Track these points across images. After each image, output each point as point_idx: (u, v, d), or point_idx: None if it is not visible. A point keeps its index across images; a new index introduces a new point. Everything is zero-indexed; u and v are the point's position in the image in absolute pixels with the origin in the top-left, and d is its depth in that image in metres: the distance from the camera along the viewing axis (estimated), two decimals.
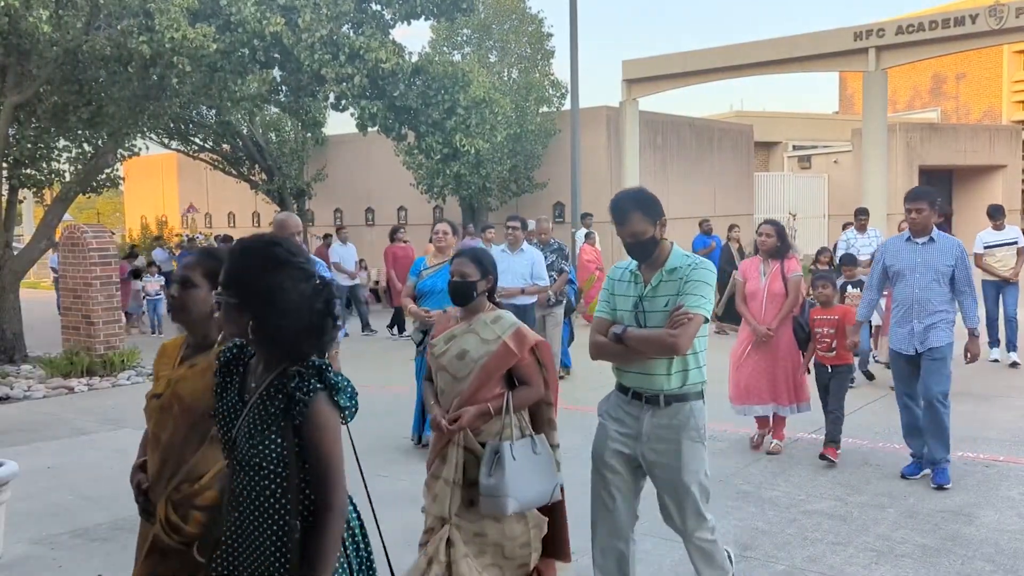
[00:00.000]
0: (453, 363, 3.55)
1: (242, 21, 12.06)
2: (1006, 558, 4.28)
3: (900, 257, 5.42)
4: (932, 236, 5.32)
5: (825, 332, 5.98)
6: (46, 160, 11.57)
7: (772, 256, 6.21)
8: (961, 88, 32.31)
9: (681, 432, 3.34)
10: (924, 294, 5.29)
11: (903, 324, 5.40)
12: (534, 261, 7.81)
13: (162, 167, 25.71)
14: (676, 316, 3.23)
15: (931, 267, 5.28)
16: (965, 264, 5.29)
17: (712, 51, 17.65)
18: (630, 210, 3.33)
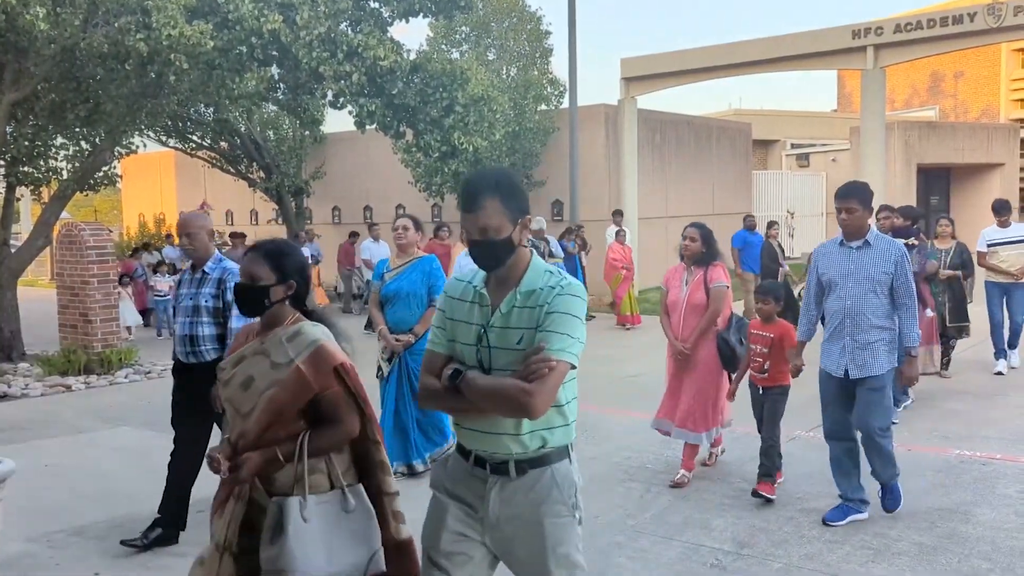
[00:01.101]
0: (237, 394, 2.79)
1: (240, 19, 12.04)
2: (1003, 556, 4.29)
3: (832, 264, 4.75)
4: (868, 239, 4.65)
5: (758, 350, 5.30)
6: (43, 158, 11.56)
7: (696, 263, 5.56)
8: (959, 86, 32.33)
9: (542, 508, 2.49)
10: (857, 306, 4.61)
11: (834, 340, 4.72)
12: None
13: (160, 165, 25.68)
14: (533, 363, 2.35)
15: (865, 275, 4.60)
16: (906, 271, 4.61)
17: (710, 49, 17.64)
18: (483, 194, 2.43)
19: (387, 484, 2.90)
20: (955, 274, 8.36)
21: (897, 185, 20.89)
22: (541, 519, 2.48)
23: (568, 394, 2.57)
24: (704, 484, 5.52)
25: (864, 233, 4.65)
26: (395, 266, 5.85)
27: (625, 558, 4.38)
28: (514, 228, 2.47)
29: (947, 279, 8.36)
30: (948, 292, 8.38)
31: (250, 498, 2.78)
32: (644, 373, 9.43)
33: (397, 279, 5.76)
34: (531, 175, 17.28)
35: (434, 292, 5.61)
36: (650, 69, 18.16)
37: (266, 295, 2.81)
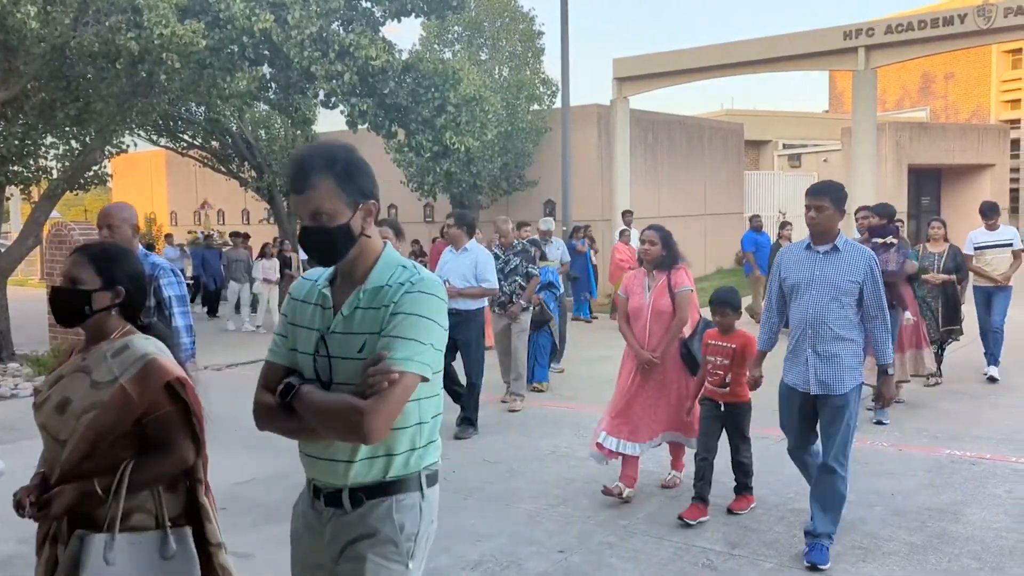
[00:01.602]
0: (52, 419, 2.40)
1: (231, 18, 12.00)
2: (992, 555, 4.31)
3: (796, 269, 4.36)
4: (837, 244, 4.26)
5: (718, 362, 4.92)
6: (33, 157, 11.50)
7: (658, 267, 5.29)
8: (950, 87, 32.47)
9: (365, 544, 2.09)
10: (820, 315, 4.23)
11: (796, 353, 4.33)
12: (477, 261, 7.02)
13: (151, 164, 25.59)
14: (371, 376, 1.97)
15: (830, 282, 4.22)
16: (876, 281, 4.21)
17: (703, 50, 17.68)
18: (313, 172, 2.08)
19: (210, 532, 2.46)
20: (949, 279, 8.17)
21: (888, 185, 20.96)
22: (364, 556, 2.08)
23: (426, 412, 2.15)
24: None
25: (833, 236, 4.28)
26: None
27: (617, 558, 4.38)
28: (353, 214, 2.09)
29: (941, 284, 8.16)
30: (942, 296, 8.21)
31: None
32: None
33: None
34: (523, 175, 17.28)
35: None
36: (642, 69, 18.19)
37: (87, 301, 2.41)
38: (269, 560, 4.28)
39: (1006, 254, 8.65)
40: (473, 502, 5.27)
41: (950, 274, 8.21)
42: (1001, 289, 8.64)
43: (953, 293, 8.31)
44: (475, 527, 4.83)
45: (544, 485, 5.58)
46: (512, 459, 6.20)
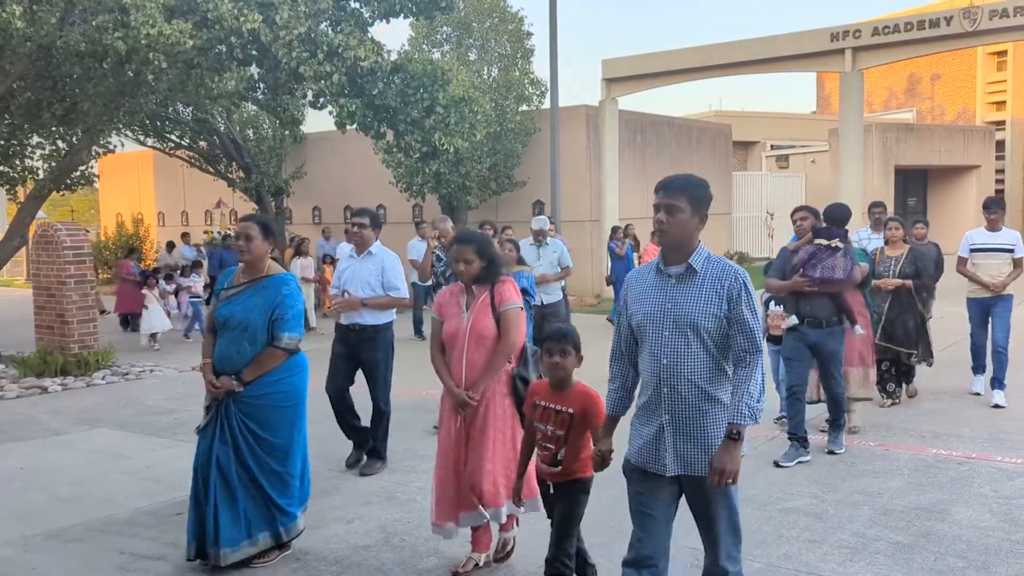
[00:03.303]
0: None
1: (219, 18, 11.96)
2: (978, 554, 4.34)
3: (642, 300, 3.16)
4: (692, 263, 3.08)
5: (548, 433, 3.63)
6: (19, 157, 11.44)
7: (478, 283, 4.28)
8: (936, 89, 32.68)
9: None
10: (676, 366, 3.06)
11: (646, 418, 3.16)
12: (384, 266, 5.88)
13: (138, 164, 25.46)
14: None
15: (686, 318, 3.05)
16: (744, 309, 3.03)
17: (691, 51, 17.74)
18: None
19: None
20: (903, 283, 7.25)
21: (875, 186, 21.08)
22: None
23: None
24: None
25: (688, 252, 3.08)
26: (239, 283, 4.47)
27: (606, 559, 4.39)
28: None
29: (894, 289, 7.28)
30: (898, 307, 7.33)
31: None
32: None
33: (231, 302, 4.39)
34: (512, 176, 17.29)
35: (279, 325, 4.29)
36: (631, 70, 18.24)
37: None
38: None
39: (1005, 260, 7.53)
40: None
41: (907, 279, 7.28)
42: (1000, 300, 7.52)
43: (912, 303, 7.37)
44: (466, 529, 4.83)
45: None
46: None
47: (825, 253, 5.88)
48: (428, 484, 5.58)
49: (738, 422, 3.01)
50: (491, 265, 4.30)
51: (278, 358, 4.31)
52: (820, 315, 5.94)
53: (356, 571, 4.30)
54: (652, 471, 3.15)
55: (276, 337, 4.29)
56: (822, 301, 5.93)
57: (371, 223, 5.96)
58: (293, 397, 4.40)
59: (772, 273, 6.28)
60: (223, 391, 4.25)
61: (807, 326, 5.97)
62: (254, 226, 4.42)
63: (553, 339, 3.65)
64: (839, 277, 5.85)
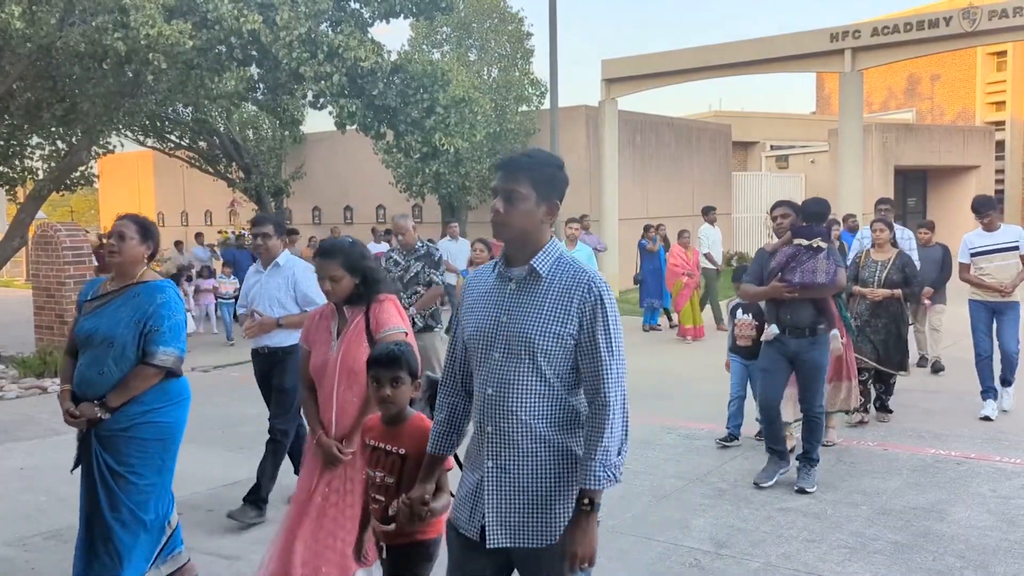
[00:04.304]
0: None
1: (219, 18, 11.96)
2: (976, 554, 4.35)
3: (474, 309, 2.49)
4: (536, 265, 2.38)
5: (379, 479, 2.88)
6: (19, 157, 11.45)
7: (350, 304, 3.55)
8: (936, 89, 32.69)
9: None
10: (504, 399, 2.37)
11: (470, 467, 2.49)
12: (296, 278, 5.03)
13: (138, 165, 25.48)
14: None
15: (521, 336, 2.35)
16: (604, 329, 2.33)
17: (691, 51, 17.74)
18: None
19: None
20: (891, 293, 6.67)
21: (874, 186, 21.09)
22: None
23: None
24: (683, 484, 5.55)
25: (533, 249, 2.39)
26: (103, 293, 3.78)
27: (605, 558, 4.39)
28: None
29: (883, 301, 6.68)
30: (886, 316, 6.73)
31: None
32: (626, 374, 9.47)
33: (95, 315, 3.71)
34: None
35: (152, 339, 3.59)
36: (631, 71, 18.25)
37: None
38: (254, 562, 4.28)
39: (1011, 260, 6.88)
40: None
41: (894, 288, 6.67)
42: (1008, 306, 6.92)
43: (900, 312, 6.76)
44: None
45: None
46: None
47: (806, 255, 5.26)
48: None
49: (590, 487, 2.28)
50: (366, 282, 3.50)
51: (150, 378, 3.60)
52: (802, 323, 5.31)
53: None
54: (468, 535, 2.42)
55: (148, 353, 3.59)
56: (804, 307, 5.31)
57: (276, 231, 5.13)
58: (165, 432, 3.69)
59: (747, 278, 5.65)
60: (83, 421, 3.59)
61: (788, 335, 5.37)
62: (130, 224, 3.77)
63: (381, 364, 2.87)
64: (821, 281, 5.22)
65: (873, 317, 6.73)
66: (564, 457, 2.37)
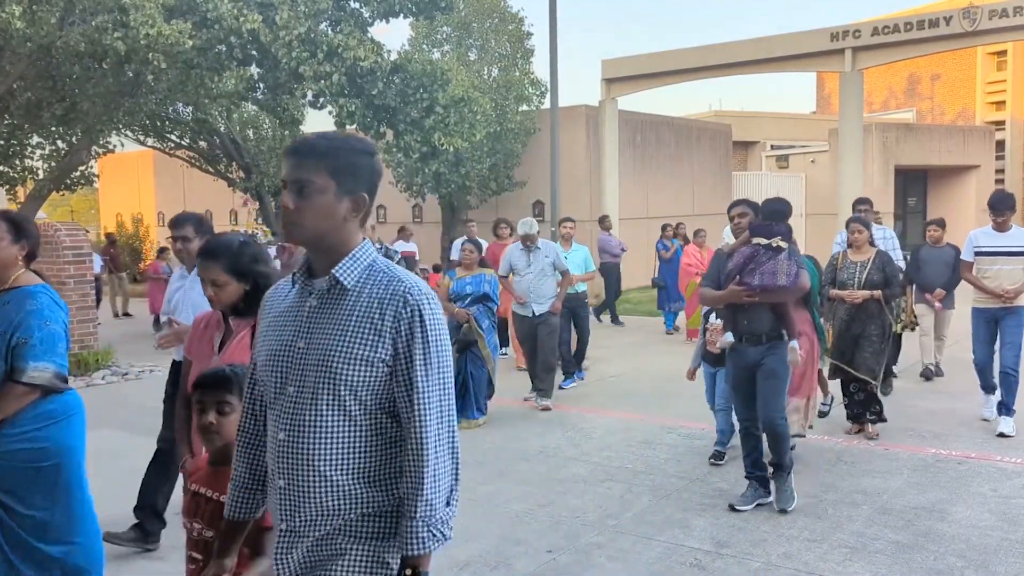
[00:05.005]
0: None
1: (219, 18, 11.96)
2: (977, 554, 4.34)
3: (269, 330, 2.06)
4: (339, 275, 1.95)
5: (196, 533, 2.49)
6: (19, 157, 11.45)
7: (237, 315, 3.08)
8: (936, 89, 32.68)
9: None
10: (299, 443, 1.92)
11: (274, 524, 2.09)
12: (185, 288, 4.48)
13: (138, 165, 25.48)
14: None
15: (318, 366, 1.91)
16: (424, 353, 1.92)
17: (691, 51, 17.74)
18: None
19: None
20: (871, 295, 6.25)
21: (875, 186, 21.08)
22: None
23: None
24: (684, 484, 5.55)
25: (336, 255, 1.97)
26: None
27: (605, 558, 4.39)
28: None
29: (860, 303, 6.25)
30: (865, 319, 6.28)
31: None
32: (625, 373, 9.47)
33: None
34: (512, 175, 17.29)
35: (19, 353, 3.16)
36: (631, 70, 18.25)
37: None
38: None
39: (1018, 266, 6.41)
40: (462, 503, 5.23)
41: (875, 289, 6.25)
42: (1010, 313, 6.43)
43: (877, 316, 6.32)
44: (464, 527, 4.84)
45: (532, 485, 5.59)
46: (500, 459, 6.21)
47: (765, 255, 4.85)
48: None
49: (413, 552, 1.86)
50: (257, 290, 2.91)
51: (19, 398, 3.14)
52: (759, 330, 4.93)
53: None
54: None
55: (16, 370, 3.14)
56: (762, 313, 4.91)
57: (196, 231, 4.41)
58: (53, 455, 3.24)
59: (706, 281, 5.27)
60: None
61: (745, 343, 4.98)
62: (1, 223, 3.28)
63: (206, 386, 2.43)
64: (782, 284, 4.81)
65: (853, 321, 6.30)
66: (378, 517, 1.92)
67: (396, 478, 1.94)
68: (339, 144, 1.97)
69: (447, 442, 1.95)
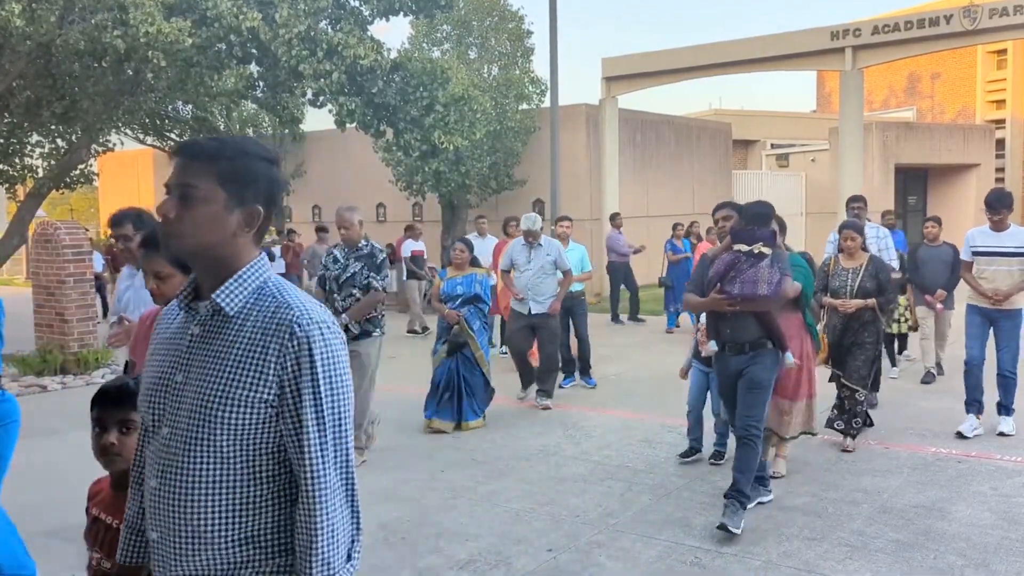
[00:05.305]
0: None
1: (218, 16, 11.95)
2: (977, 552, 4.34)
3: (151, 361, 1.82)
4: (217, 299, 1.69)
5: (95, 562, 2.27)
6: (19, 155, 11.45)
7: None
8: (936, 87, 32.67)
9: None
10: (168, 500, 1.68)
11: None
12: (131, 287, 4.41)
13: (138, 163, 25.47)
14: None
15: (193, 406, 1.66)
16: (315, 395, 1.65)
17: (691, 49, 17.73)
18: None
19: None
20: (865, 303, 6.04)
21: (875, 185, 21.08)
22: None
23: None
24: (684, 483, 5.55)
25: (221, 275, 1.73)
26: None
27: (606, 557, 4.39)
28: None
29: (854, 311, 6.04)
30: (858, 327, 6.12)
31: None
32: (625, 372, 9.47)
33: None
34: (512, 174, 17.29)
35: None
36: (631, 69, 18.24)
37: None
38: None
39: (1015, 267, 6.21)
40: (462, 501, 5.27)
41: (868, 297, 6.05)
42: (1006, 315, 6.24)
43: (870, 325, 6.14)
44: (464, 526, 4.84)
45: (533, 484, 5.59)
46: (501, 458, 6.20)
47: (746, 262, 4.60)
48: (428, 482, 5.59)
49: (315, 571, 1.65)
50: None
51: None
52: (742, 339, 4.74)
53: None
54: None
55: None
56: (745, 322, 4.72)
57: (135, 228, 4.14)
58: None
59: (689, 286, 5.18)
60: None
61: (729, 352, 4.82)
62: None
63: (107, 401, 2.18)
64: (763, 293, 4.56)
65: (847, 331, 6.13)
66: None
67: (287, 535, 1.69)
68: (233, 148, 1.73)
69: (343, 490, 1.71)
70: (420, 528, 4.80)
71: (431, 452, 6.37)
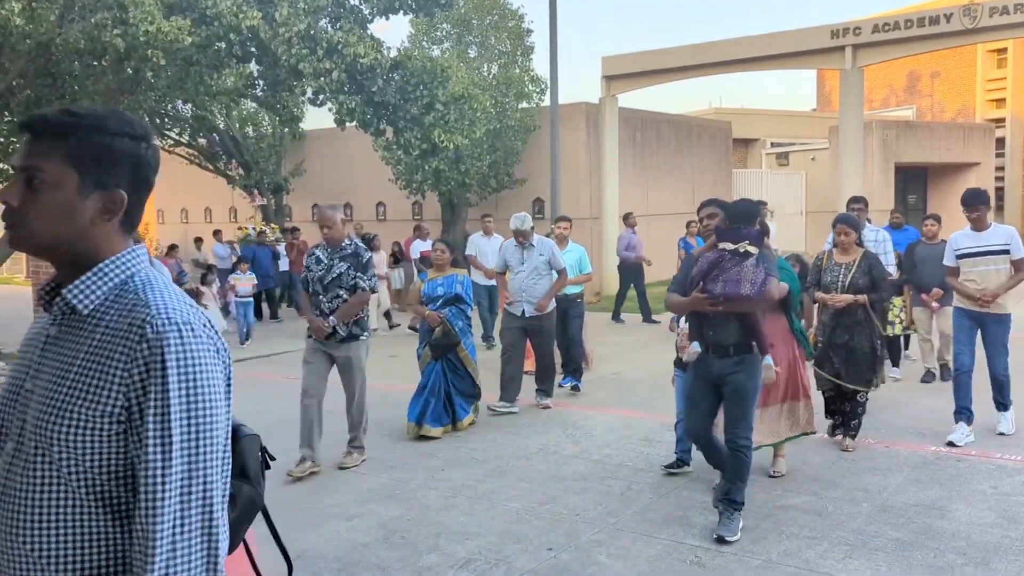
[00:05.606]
0: None
1: (218, 15, 11.95)
2: (977, 551, 4.34)
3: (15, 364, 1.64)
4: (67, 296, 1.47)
5: None
6: None
7: None
8: (936, 86, 32.68)
9: None
10: (9, 527, 1.42)
11: None
12: None
13: None
14: None
15: (37, 419, 1.42)
16: (164, 411, 1.36)
17: (691, 48, 17.72)
18: None
19: None
20: (855, 299, 5.91)
21: (875, 184, 21.09)
22: None
23: None
24: (684, 482, 5.55)
25: (77, 267, 1.50)
26: None
27: (606, 555, 4.40)
28: None
29: (845, 307, 5.92)
30: (851, 325, 5.97)
31: None
32: (625, 371, 9.47)
33: None
34: (512, 173, 17.29)
35: None
36: (631, 67, 18.23)
37: None
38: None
39: (1001, 266, 6.08)
40: (462, 500, 5.27)
41: (859, 294, 5.92)
42: (993, 319, 6.12)
43: (864, 323, 5.98)
44: (464, 525, 4.84)
45: (533, 483, 5.59)
46: (501, 457, 6.21)
47: (730, 261, 4.46)
48: (428, 481, 5.59)
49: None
50: None
51: None
52: (727, 341, 4.57)
53: (356, 568, 4.30)
54: None
55: None
56: (729, 323, 4.55)
57: None
58: None
59: (673, 287, 4.96)
60: None
61: (711, 355, 4.63)
62: None
63: None
64: (745, 293, 4.38)
65: (837, 327, 5.98)
66: None
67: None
68: (89, 123, 1.45)
69: (196, 528, 1.37)
70: (420, 527, 4.80)
71: (431, 451, 6.37)
